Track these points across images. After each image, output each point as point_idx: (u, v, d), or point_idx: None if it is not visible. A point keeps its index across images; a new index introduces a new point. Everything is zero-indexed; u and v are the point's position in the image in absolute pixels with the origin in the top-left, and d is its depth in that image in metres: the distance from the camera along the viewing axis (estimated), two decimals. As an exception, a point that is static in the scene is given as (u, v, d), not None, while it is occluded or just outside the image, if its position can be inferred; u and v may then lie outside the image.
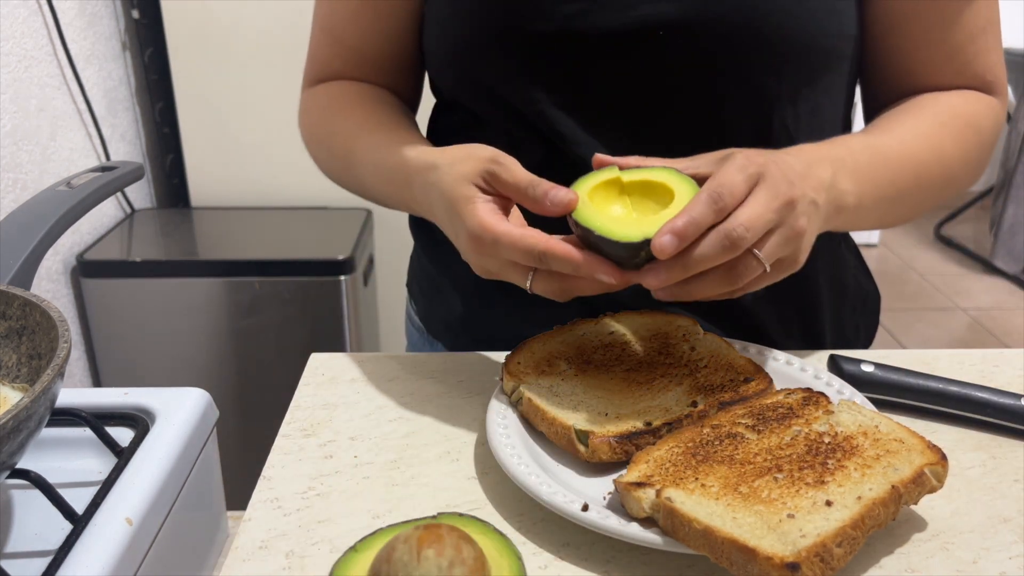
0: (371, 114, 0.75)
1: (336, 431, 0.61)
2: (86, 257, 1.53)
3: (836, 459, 0.51)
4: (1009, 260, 3.22)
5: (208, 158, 1.77)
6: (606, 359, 0.64)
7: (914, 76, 0.71)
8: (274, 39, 1.67)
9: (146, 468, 0.56)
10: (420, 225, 0.84)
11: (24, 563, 0.50)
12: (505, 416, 0.58)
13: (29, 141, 1.39)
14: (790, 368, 0.64)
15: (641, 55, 0.65)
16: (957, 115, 0.69)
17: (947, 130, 0.68)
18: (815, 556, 0.43)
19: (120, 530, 0.50)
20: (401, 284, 0.91)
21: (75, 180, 0.75)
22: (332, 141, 0.76)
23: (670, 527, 0.47)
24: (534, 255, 0.53)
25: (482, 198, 0.57)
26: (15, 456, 0.47)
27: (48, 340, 0.53)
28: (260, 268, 1.55)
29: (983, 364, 0.70)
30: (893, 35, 0.70)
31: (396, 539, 0.43)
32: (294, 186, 1.79)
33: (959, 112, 0.70)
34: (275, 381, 1.61)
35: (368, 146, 0.72)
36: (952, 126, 0.68)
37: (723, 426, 0.55)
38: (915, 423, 0.62)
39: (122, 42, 1.73)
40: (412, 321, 0.88)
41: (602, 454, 0.54)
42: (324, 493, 0.55)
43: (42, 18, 1.43)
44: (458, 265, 0.74)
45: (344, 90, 0.78)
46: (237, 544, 0.51)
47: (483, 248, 0.56)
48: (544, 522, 0.52)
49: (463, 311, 0.80)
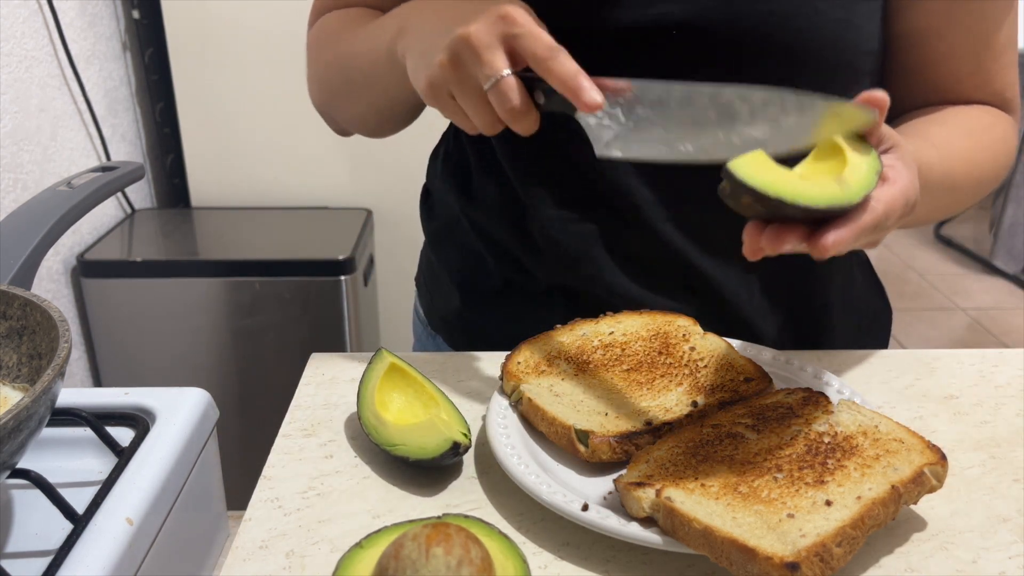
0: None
1: (336, 431, 0.61)
2: (86, 257, 1.53)
3: (836, 459, 0.51)
4: (1009, 260, 3.22)
5: (208, 158, 1.77)
6: (606, 359, 0.64)
7: (936, 89, 0.71)
8: (274, 39, 1.67)
9: (146, 468, 0.56)
10: (431, 211, 0.83)
11: (24, 563, 0.50)
12: (505, 416, 0.58)
13: (30, 141, 1.39)
14: (790, 368, 0.64)
15: (655, 53, 0.65)
16: (985, 128, 0.70)
17: (977, 142, 0.69)
18: (815, 556, 0.44)
19: (120, 530, 0.50)
20: (401, 284, 0.92)
21: (75, 180, 0.75)
22: (321, 55, 0.75)
23: (670, 527, 0.47)
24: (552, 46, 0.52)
25: None
26: (16, 456, 0.47)
27: (48, 340, 0.53)
28: (260, 268, 1.55)
29: (983, 364, 0.70)
30: (920, 49, 0.70)
31: (404, 536, 0.43)
32: (294, 186, 1.79)
33: (986, 126, 0.70)
34: (275, 381, 1.61)
35: (355, 36, 0.71)
36: (981, 139, 0.69)
37: (723, 426, 0.55)
38: (915, 423, 0.62)
39: (122, 42, 1.73)
40: (417, 315, 0.88)
41: (602, 454, 0.54)
42: (324, 493, 0.55)
43: (42, 18, 1.43)
44: (457, 259, 0.73)
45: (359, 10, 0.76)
46: (237, 544, 0.51)
47: (504, 21, 0.53)
48: (544, 522, 0.52)
49: (459, 306, 0.80)
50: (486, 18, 0.54)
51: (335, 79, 0.75)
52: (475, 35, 0.54)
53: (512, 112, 0.54)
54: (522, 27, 0.53)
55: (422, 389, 0.62)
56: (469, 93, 0.55)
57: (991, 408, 0.64)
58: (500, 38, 0.53)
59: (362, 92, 0.72)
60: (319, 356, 0.71)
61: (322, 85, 0.77)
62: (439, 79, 0.56)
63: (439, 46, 0.55)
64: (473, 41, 0.53)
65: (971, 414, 0.63)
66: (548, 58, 0.52)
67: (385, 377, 0.62)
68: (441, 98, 0.57)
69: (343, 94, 0.75)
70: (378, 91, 0.70)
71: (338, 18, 0.76)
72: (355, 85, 0.72)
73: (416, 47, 0.60)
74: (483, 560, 0.43)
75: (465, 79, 0.55)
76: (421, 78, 0.57)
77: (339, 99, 0.76)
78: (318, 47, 0.77)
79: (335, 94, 0.76)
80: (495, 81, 0.53)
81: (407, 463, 0.56)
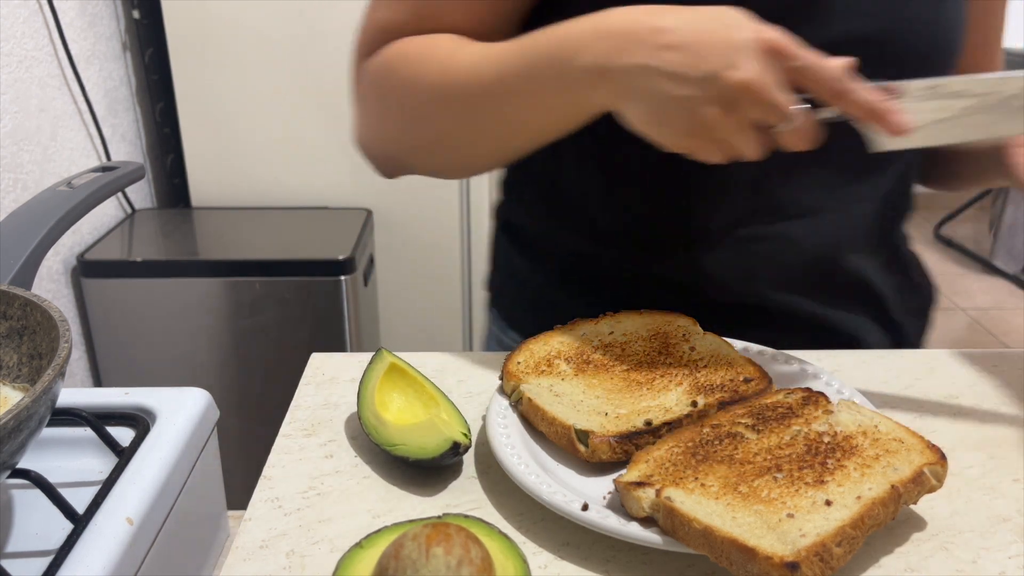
0: (466, 41, 0.64)
1: (336, 431, 0.61)
2: (87, 257, 1.53)
3: (836, 459, 0.51)
4: (1009, 260, 3.22)
5: (208, 158, 1.78)
6: (606, 359, 0.64)
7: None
8: (274, 39, 1.67)
9: (147, 468, 0.56)
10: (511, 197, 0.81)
11: (25, 563, 0.50)
12: (505, 416, 0.58)
13: (30, 141, 1.39)
14: (790, 368, 0.64)
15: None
16: None
17: None
18: (815, 555, 0.44)
19: (121, 530, 0.50)
20: (401, 283, 0.91)
21: (76, 180, 0.75)
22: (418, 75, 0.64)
23: (670, 527, 0.47)
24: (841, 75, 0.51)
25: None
26: (16, 456, 0.48)
27: (49, 340, 0.53)
28: (260, 268, 1.55)
29: (983, 364, 0.70)
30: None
31: (404, 536, 0.43)
32: (294, 186, 1.79)
33: None
34: (275, 381, 1.61)
35: (473, 51, 0.62)
36: None
37: (723, 426, 0.55)
38: (915, 423, 0.62)
39: (123, 42, 1.73)
40: (497, 325, 0.85)
41: (602, 454, 0.54)
42: (324, 493, 0.55)
43: (43, 18, 1.43)
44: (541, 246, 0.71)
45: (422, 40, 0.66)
46: (238, 544, 0.51)
47: (774, 55, 0.50)
48: (544, 521, 0.52)
49: (542, 298, 0.79)
50: (753, 55, 0.50)
51: (437, 112, 0.64)
52: (756, 81, 0.50)
53: (805, 139, 0.52)
54: (801, 58, 0.50)
55: (422, 389, 0.62)
56: (746, 132, 0.52)
57: (991, 408, 0.64)
58: (782, 75, 0.50)
59: (490, 125, 0.64)
60: (319, 356, 0.71)
61: (405, 122, 0.68)
62: (709, 130, 0.52)
63: (700, 97, 0.50)
64: (755, 88, 0.50)
65: (971, 414, 0.63)
66: (847, 91, 0.50)
67: (385, 377, 0.62)
68: (703, 147, 0.53)
69: (448, 129, 0.65)
70: (518, 125, 0.62)
71: (432, 45, 0.65)
72: (478, 117, 0.63)
73: (652, 96, 0.53)
74: (483, 560, 0.43)
75: (742, 122, 0.51)
76: (676, 131, 0.53)
77: (438, 134, 0.66)
78: (391, 77, 0.66)
79: (431, 127, 0.66)
80: (791, 122, 0.51)
81: (407, 463, 0.56)
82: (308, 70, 1.68)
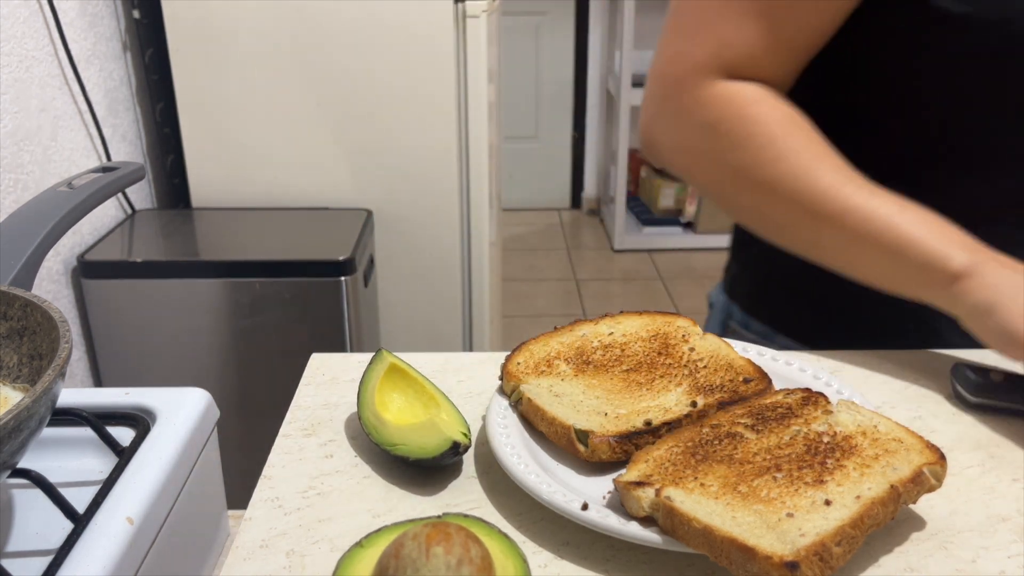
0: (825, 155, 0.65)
1: (336, 431, 0.61)
2: (87, 258, 1.53)
3: (835, 458, 0.51)
4: (1009, 260, 3.21)
5: (208, 158, 1.78)
6: (606, 359, 0.64)
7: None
8: (274, 39, 1.67)
9: (147, 468, 0.56)
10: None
11: (25, 562, 0.50)
12: (505, 416, 0.59)
13: (30, 141, 1.39)
14: (789, 368, 0.64)
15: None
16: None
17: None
18: (814, 555, 0.44)
19: (121, 529, 0.50)
20: (401, 284, 0.90)
21: (76, 181, 0.75)
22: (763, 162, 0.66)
23: (669, 526, 0.47)
24: None
25: None
26: (16, 456, 0.48)
27: (49, 340, 0.53)
28: (260, 268, 1.55)
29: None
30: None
31: (404, 535, 0.43)
32: (294, 186, 1.79)
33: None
34: (275, 381, 1.61)
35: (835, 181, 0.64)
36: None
37: (722, 426, 0.55)
38: (914, 423, 0.62)
39: (123, 42, 1.73)
40: (747, 327, 0.85)
41: (602, 454, 0.54)
42: (324, 492, 0.55)
43: (43, 18, 1.43)
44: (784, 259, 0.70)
45: (779, 116, 0.66)
46: (238, 543, 0.51)
47: None
48: (544, 521, 0.52)
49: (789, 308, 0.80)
50: None
51: (773, 207, 0.67)
52: None
53: None
54: None
55: (422, 389, 0.62)
56: None
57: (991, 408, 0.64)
58: None
59: (824, 251, 0.67)
60: (319, 356, 0.71)
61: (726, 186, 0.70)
62: None
63: None
64: None
65: (970, 414, 0.63)
66: None
67: (385, 377, 0.62)
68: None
69: (777, 222, 0.68)
70: (851, 268, 0.66)
71: (792, 142, 0.65)
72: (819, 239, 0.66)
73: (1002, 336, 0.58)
74: (483, 559, 0.43)
75: None
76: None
77: (762, 218, 0.69)
78: (736, 149, 0.67)
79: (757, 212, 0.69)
80: None
81: (407, 463, 0.56)
82: (308, 70, 1.68)
